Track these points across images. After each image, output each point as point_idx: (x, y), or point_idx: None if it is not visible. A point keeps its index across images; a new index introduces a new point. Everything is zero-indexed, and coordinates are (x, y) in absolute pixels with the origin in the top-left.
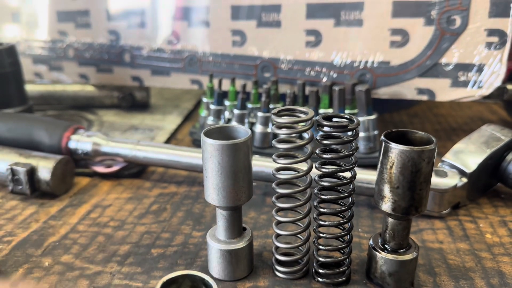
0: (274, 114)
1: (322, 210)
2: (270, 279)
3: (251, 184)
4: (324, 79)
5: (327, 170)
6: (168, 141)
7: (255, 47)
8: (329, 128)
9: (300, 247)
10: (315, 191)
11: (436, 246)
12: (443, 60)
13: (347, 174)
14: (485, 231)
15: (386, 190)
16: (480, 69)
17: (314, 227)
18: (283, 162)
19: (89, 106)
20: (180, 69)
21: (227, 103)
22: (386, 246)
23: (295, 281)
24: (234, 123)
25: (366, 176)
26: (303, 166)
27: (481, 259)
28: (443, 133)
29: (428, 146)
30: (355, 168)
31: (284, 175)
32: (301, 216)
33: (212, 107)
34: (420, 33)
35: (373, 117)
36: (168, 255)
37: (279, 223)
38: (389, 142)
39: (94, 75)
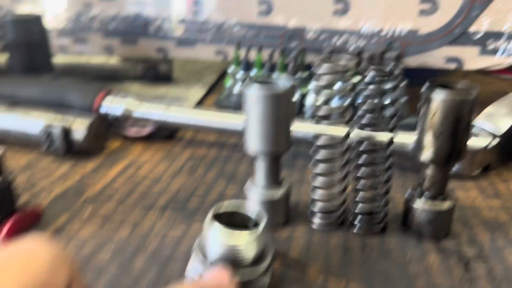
0: (319, 60)
1: (360, 160)
2: (306, 228)
3: (290, 133)
4: (352, 48)
5: (366, 133)
6: None
7: (282, 16)
8: (374, 72)
9: (336, 199)
10: (353, 154)
11: (468, 202)
12: (473, 28)
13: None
14: None
15: (428, 138)
16: (509, 37)
17: (353, 176)
18: (323, 126)
19: (113, 78)
20: (205, 40)
21: (253, 72)
22: (424, 195)
23: (331, 232)
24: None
25: (397, 139)
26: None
27: None
28: None
29: (470, 93)
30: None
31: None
32: (338, 167)
33: (240, 75)
34: (450, 1)
35: (402, 83)
36: (206, 207)
37: (318, 175)
38: (433, 90)
39: (118, 47)
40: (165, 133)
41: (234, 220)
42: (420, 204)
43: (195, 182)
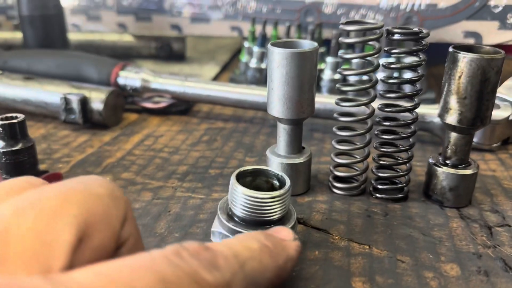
0: (342, 24)
1: (384, 137)
2: (328, 195)
3: (314, 97)
4: None
5: (390, 110)
6: None
7: None
8: (400, 35)
9: (358, 165)
10: (375, 132)
11: (489, 173)
12: (492, 2)
13: (409, 115)
14: None
15: (453, 101)
16: None
17: (374, 144)
18: (347, 105)
19: (127, 56)
20: (220, 16)
21: None
22: (447, 162)
23: (353, 197)
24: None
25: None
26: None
27: None
28: None
29: (497, 55)
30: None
31: (346, 118)
32: (360, 146)
33: (256, 49)
34: None
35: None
36: (226, 174)
37: (340, 141)
38: (459, 51)
39: (132, 24)
40: (182, 107)
41: (257, 183)
42: (442, 171)
43: (214, 152)
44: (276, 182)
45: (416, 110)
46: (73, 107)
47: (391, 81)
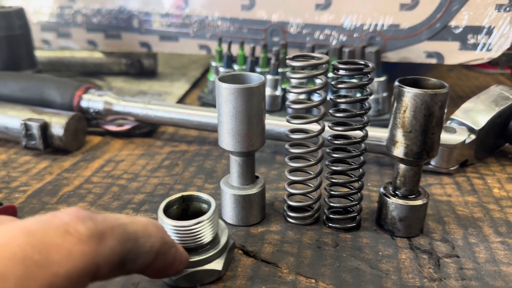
0: (289, 58)
1: (334, 155)
2: (282, 225)
3: (264, 130)
4: (333, 43)
5: (340, 129)
6: None
7: (264, 11)
8: (344, 71)
9: (311, 194)
10: (327, 150)
11: (444, 198)
12: (453, 23)
13: (359, 134)
14: (492, 186)
15: (399, 134)
16: (489, 32)
17: (326, 174)
18: (297, 122)
19: (97, 73)
20: (188, 35)
21: (236, 67)
22: (397, 192)
23: (306, 227)
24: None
25: (375, 134)
26: (316, 127)
27: (489, 210)
28: (450, 101)
29: (441, 90)
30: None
31: (297, 135)
32: (312, 162)
33: (222, 70)
34: None
35: (382, 79)
36: None
37: (292, 170)
38: (404, 86)
39: (102, 41)
40: (146, 129)
41: (194, 208)
42: (392, 201)
43: (173, 179)
44: (206, 206)
45: (375, 133)
46: (34, 132)
47: (339, 100)
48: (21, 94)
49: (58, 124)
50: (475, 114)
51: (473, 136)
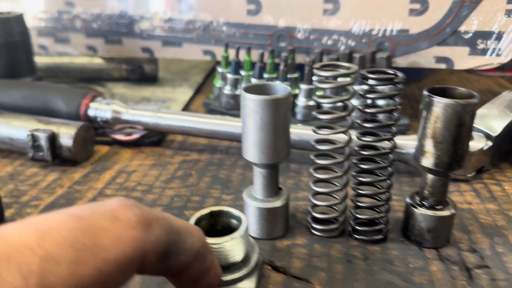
0: (317, 68)
1: (362, 166)
2: (307, 237)
3: (289, 141)
4: (342, 48)
5: (368, 139)
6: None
7: (271, 16)
8: (374, 81)
9: (337, 206)
10: (354, 160)
11: (465, 206)
12: (462, 28)
13: (387, 144)
14: (510, 193)
15: (429, 145)
16: (499, 37)
17: (353, 185)
18: (324, 133)
19: (97, 79)
20: (192, 40)
21: (242, 73)
22: (424, 202)
23: (332, 239)
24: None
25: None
26: (342, 136)
27: (511, 218)
28: None
29: (471, 100)
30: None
31: (324, 146)
32: (339, 174)
33: (229, 76)
34: (440, 1)
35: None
36: None
37: (318, 181)
38: (434, 96)
39: (102, 47)
40: (155, 138)
41: (223, 223)
42: (420, 212)
43: (189, 190)
44: (236, 222)
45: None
46: (41, 144)
47: (368, 110)
48: (23, 103)
49: (66, 134)
50: (490, 120)
51: (490, 143)
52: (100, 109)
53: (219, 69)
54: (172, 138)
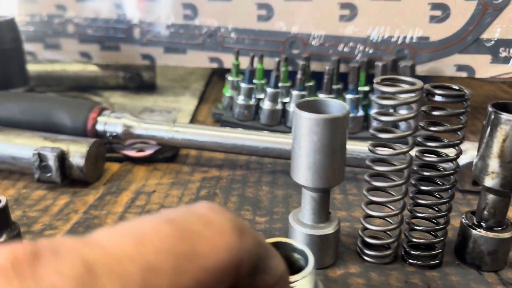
0: (377, 83)
1: (422, 188)
2: (359, 265)
3: (345, 163)
4: (359, 56)
5: (431, 159)
6: (190, 122)
7: (283, 22)
8: (441, 97)
9: (392, 231)
10: (412, 181)
11: None
12: (485, 36)
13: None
14: None
15: (495, 165)
16: None
17: (409, 206)
18: (384, 153)
19: (91, 87)
20: (197, 46)
21: (255, 81)
22: (482, 224)
23: (386, 265)
24: (322, 97)
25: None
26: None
27: None
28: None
29: None
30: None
31: (382, 167)
32: (397, 197)
33: (243, 85)
34: (462, 8)
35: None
36: None
37: (370, 203)
38: (502, 113)
39: (97, 53)
40: (169, 153)
41: None
42: (480, 234)
43: None
44: (297, 256)
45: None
46: (49, 164)
47: (433, 128)
48: (22, 117)
49: (77, 153)
50: None
51: None
52: (109, 123)
53: (229, 78)
54: (186, 152)
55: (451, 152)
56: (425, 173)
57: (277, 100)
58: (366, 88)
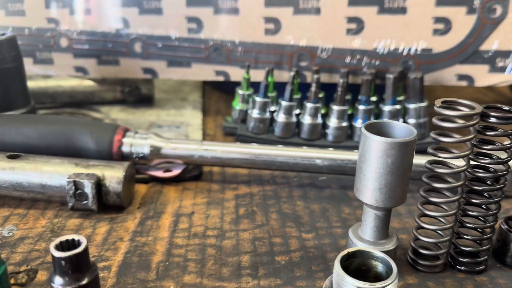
0: (438, 106)
1: (472, 200)
2: (415, 275)
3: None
4: (365, 67)
5: (482, 175)
6: (202, 137)
7: (291, 35)
8: (496, 119)
9: (443, 243)
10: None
11: None
12: (483, 47)
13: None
14: None
15: None
16: None
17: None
18: (445, 156)
19: (87, 103)
20: (203, 60)
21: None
22: None
23: (438, 274)
24: (386, 119)
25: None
26: (457, 162)
27: None
28: None
29: None
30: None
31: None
32: (451, 212)
33: (258, 99)
34: (463, 22)
35: (424, 104)
36: (296, 262)
37: (423, 215)
38: None
39: (94, 68)
40: (195, 172)
41: (355, 266)
42: None
43: (264, 231)
44: (375, 262)
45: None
46: (86, 191)
47: (489, 133)
48: (40, 142)
49: (114, 178)
50: None
51: None
52: (135, 145)
53: (240, 91)
54: (209, 169)
55: (500, 168)
56: (476, 187)
57: (291, 113)
58: (374, 99)
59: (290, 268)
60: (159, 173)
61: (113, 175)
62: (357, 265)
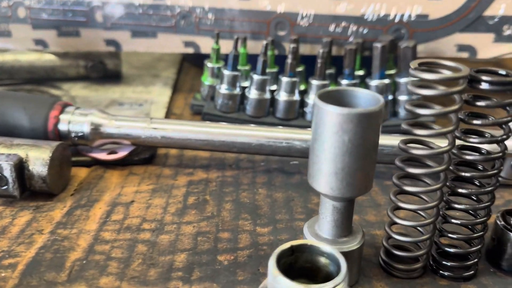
0: (414, 68)
1: (459, 190)
2: (386, 281)
3: (375, 166)
4: (352, 37)
5: (475, 140)
6: (166, 116)
7: (268, 0)
8: (488, 85)
9: (423, 242)
10: (451, 167)
11: None
12: (488, 13)
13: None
14: None
15: None
16: None
17: (441, 211)
18: (421, 153)
19: (48, 79)
20: (170, 29)
21: (238, 67)
22: None
23: (417, 280)
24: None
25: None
26: (439, 141)
27: None
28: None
29: None
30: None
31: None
32: (431, 204)
33: (226, 72)
34: None
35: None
36: (242, 262)
37: (397, 208)
38: None
39: (54, 40)
40: (146, 154)
41: (300, 264)
42: None
43: (212, 224)
44: (325, 261)
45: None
46: (5, 175)
47: (479, 103)
48: None
49: (39, 160)
50: None
51: None
52: (74, 122)
53: (209, 64)
54: (165, 152)
55: (494, 148)
56: (463, 173)
57: (265, 89)
58: (361, 73)
59: (233, 270)
60: (102, 155)
61: (38, 157)
62: (303, 263)
